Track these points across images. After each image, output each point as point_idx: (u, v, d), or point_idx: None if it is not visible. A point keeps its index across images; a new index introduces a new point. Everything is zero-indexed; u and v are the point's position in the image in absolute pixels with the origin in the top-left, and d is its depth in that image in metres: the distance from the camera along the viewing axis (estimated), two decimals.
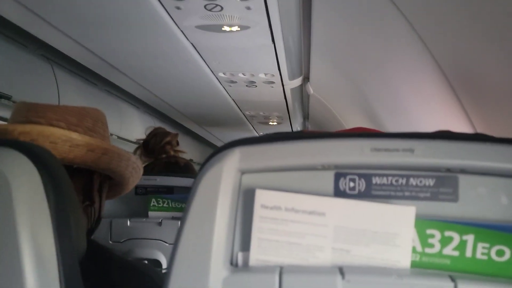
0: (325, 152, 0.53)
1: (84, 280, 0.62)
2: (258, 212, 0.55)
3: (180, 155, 1.80)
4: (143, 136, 1.81)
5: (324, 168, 0.56)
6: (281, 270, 0.51)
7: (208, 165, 0.54)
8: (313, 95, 3.17)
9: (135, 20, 1.69)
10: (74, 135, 0.81)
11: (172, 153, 1.76)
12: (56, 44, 2.02)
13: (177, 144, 1.79)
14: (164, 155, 1.74)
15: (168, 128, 1.87)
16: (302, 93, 3.37)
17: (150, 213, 1.61)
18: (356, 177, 0.56)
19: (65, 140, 0.79)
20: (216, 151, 0.56)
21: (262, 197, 0.55)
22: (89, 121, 0.90)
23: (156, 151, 1.73)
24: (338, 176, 0.56)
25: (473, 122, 1.33)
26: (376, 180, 0.55)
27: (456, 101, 1.36)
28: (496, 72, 1.13)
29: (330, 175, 0.56)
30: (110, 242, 1.53)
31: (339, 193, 0.55)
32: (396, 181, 0.55)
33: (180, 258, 0.51)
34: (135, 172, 0.97)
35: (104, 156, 0.85)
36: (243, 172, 0.56)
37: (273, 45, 1.95)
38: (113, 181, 0.97)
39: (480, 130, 1.33)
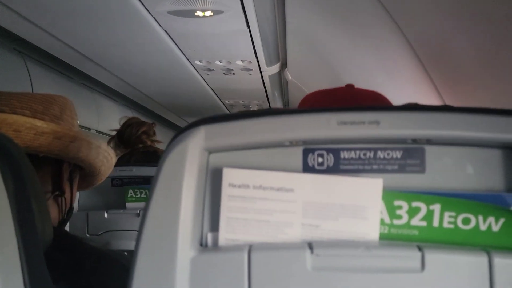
0: (291, 127, 0.53)
1: (51, 269, 0.60)
2: (226, 191, 0.54)
3: (157, 145, 1.77)
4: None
5: (292, 144, 0.55)
6: (250, 248, 0.51)
7: (172, 145, 0.53)
8: (291, 81, 3.17)
9: (106, 8, 1.65)
10: (39, 123, 0.78)
11: (149, 142, 1.74)
12: (27, 36, 1.96)
13: (154, 133, 1.77)
14: (140, 145, 1.72)
15: (148, 120, 1.84)
16: (280, 80, 3.36)
17: (128, 204, 1.59)
18: (324, 152, 0.55)
19: (29, 128, 0.77)
20: (180, 131, 0.54)
21: (229, 175, 0.54)
22: (56, 109, 0.88)
23: (132, 141, 1.70)
24: (306, 152, 0.55)
25: (443, 98, 1.35)
26: (344, 154, 0.55)
27: (428, 79, 1.37)
28: (465, 48, 1.14)
29: (298, 151, 0.55)
30: (88, 235, 1.51)
31: (307, 169, 0.55)
32: (364, 154, 0.54)
33: (146, 240, 0.50)
34: (106, 161, 0.95)
35: (72, 144, 0.83)
36: (210, 152, 0.55)
37: (248, 30, 1.93)
38: (85, 170, 0.94)
39: (450, 104, 1.36)
